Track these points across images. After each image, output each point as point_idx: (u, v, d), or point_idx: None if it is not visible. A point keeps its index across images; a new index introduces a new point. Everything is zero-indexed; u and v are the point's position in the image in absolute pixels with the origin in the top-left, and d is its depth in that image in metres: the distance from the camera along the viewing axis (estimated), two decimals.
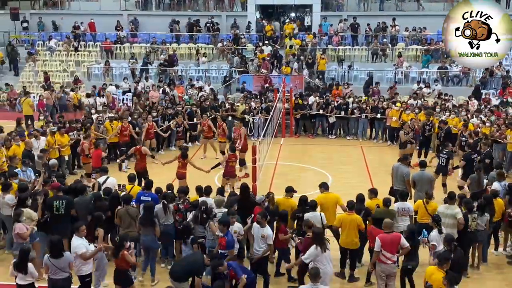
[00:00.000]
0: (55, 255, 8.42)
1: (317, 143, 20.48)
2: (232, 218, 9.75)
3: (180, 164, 13.89)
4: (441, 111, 19.09)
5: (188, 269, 8.66)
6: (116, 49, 28.69)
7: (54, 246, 8.49)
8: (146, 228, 10.14)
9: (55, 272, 8.44)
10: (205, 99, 21.10)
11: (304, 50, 26.97)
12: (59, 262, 8.41)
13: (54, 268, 8.41)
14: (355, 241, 10.20)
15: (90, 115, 18.78)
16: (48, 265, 8.45)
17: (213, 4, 30.98)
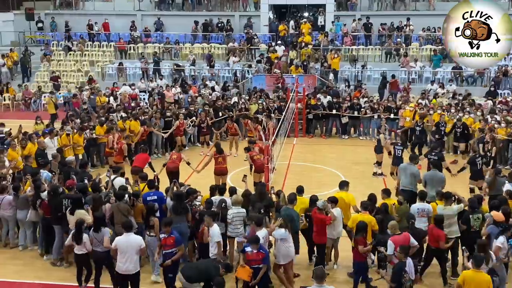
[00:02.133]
0: (96, 229, 9.47)
1: (330, 143, 20.43)
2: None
3: (220, 160, 14.09)
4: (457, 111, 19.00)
5: (202, 275, 8.71)
6: (130, 49, 28.86)
7: (97, 221, 9.56)
8: (178, 215, 10.32)
9: (96, 245, 9.47)
10: (217, 99, 21.21)
11: (317, 49, 26.92)
12: (98, 236, 9.44)
13: (95, 241, 9.46)
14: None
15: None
16: (91, 238, 9.48)
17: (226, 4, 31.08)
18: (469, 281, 8.12)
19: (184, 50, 28.64)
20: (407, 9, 29.76)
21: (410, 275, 8.51)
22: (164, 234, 9.32)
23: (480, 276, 8.16)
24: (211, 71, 26.28)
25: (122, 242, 9.04)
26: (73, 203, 10.32)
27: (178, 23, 30.03)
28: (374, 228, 10.05)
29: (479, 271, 8.19)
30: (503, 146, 17.09)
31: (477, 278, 8.13)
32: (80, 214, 10.07)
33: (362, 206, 10.26)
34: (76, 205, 10.29)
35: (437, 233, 9.77)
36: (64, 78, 27.48)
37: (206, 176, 14.31)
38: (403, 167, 12.71)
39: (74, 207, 10.25)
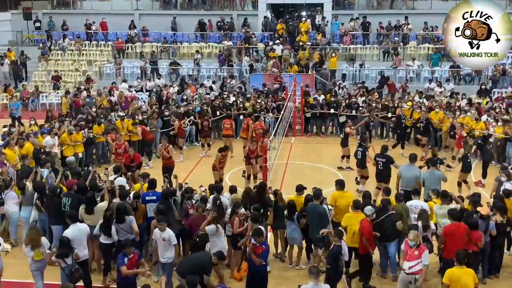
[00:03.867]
0: (119, 220, 9.89)
1: (328, 142, 20.46)
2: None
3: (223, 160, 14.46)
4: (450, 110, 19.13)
5: (195, 267, 8.74)
6: (127, 48, 28.86)
7: (119, 212, 9.91)
8: (165, 215, 10.26)
9: (123, 235, 9.87)
10: (215, 98, 21.24)
11: (315, 48, 26.94)
12: (124, 226, 9.87)
13: (122, 230, 9.91)
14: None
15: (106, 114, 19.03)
16: (116, 229, 9.89)
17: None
18: (455, 278, 8.19)
19: (182, 50, 28.64)
20: (404, 8, 29.77)
21: (345, 256, 9.09)
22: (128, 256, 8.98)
23: (463, 271, 8.25)
24: (229, 70, 26.11)
25: (72, 233, 9.39)
26: (88, 203, 10.37)
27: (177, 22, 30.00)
28: None
29: (462, 267, 8.28)
30: (501, 145, 17.14)
31: (462, 274, 8.22)
32: (101, 209, 10.23)
33: (354, 205, 10.22)
34: (92, 204, 10.35)
35: (476, 235, 9.67)
36: (62, 78, 27.43)
37: (205, 173, 14.38)
38: (405, 168, 12.65)
39: (91, 206, 10.32)
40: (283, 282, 10.36)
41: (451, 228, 9.60)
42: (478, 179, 15.55)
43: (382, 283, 10.34)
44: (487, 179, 15.26)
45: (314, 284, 7.91)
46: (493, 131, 17.32)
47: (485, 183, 15.27)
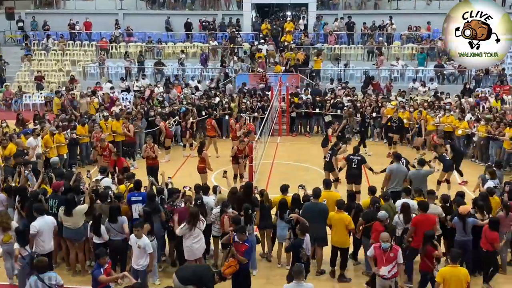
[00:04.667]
0: (112, 220, 9.93)
1: (313, 141, 20.49)
2: None
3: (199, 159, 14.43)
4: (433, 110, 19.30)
5: (197, 279, 8.65)
6: (111, 48, 28.67)
7: (112, 212, 9.94)
8: (152, 216, 10.27)
9: (114, 234, 9.91)
10: (200, 98, 21.19)
11: (300, 48, 26.99)
12: (116, 226, 9.89)
13: (113, 230, 9.91)
14: (345, 240, 10.23)
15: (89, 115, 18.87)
16: (108, 228, 9.93)
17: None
18: (448, 277, 8.23)
19: (167, 49, 28.53)
20: (388, 8, 29.94)
21: (306, 250, 9.28)
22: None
23: (457, 270, 8.31)
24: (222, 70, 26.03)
25: (39, 225, 9.50)
26: (67, 205, 10.24)
27: (160, 22, 29.85)
28: (350, 227, 10.10)
29: (456, 266, 8.33)
30: (484, 144, 17.32)
31: (455, 273, 8.27)
32: (80, 211, 10.17)
33: (337, 205, 10.23)
34: (71, 206, 10.23)
35: (492, 235, 9.79)
36: (46, 78, 27.18)
37: (189, 174, 14.32)
38: (393, 168, 12.65)
39: (69, 208, 10.19)
40: (270, 282, 10.35)
41: (420, 219, 9.86)
42: (462, 180, 15.64)
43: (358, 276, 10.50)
44: (469, 177, 15.36)
45: (296, 284, 7.91)
46: (476, 130, 17.49)
47: (467, 180, 15.38)
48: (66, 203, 10.29)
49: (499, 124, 16.93)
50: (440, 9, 29.08)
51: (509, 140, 16.08)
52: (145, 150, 15.00)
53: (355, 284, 10.33)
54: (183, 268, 9.15)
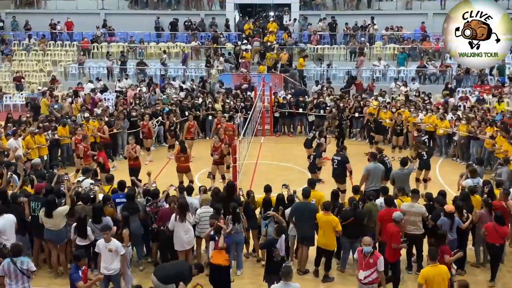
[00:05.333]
0: (96, 221, 9.87)
1: (297, 141, 20.53)
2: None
3: (182, 159, 14.37)
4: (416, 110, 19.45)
5: (176, 276, 8.69)
6: (93, 48, 28.44)
7: (96, 213, 9.93)
8: (131, 215, 10.27)
9: (98, 235, 9.73)
10: (184, 98, 21.12)
11: (283, 48, 27.04)
12: (100, 226, 9.76)
13: (98, 231, 9.77)
14: (332, 242, 10.29)
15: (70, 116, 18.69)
16: (92, 229, 9.88)
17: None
18: (430, 277, 8.29)
19: (149, 49, 28.39)
20: (370, 8, 30.12)
21: (280, 251, 9.30)
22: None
23: (438, 269, 8.38)
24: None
25: (2, 223, 9.54)
26: (47, 206, 10.13)
27: (143, 22, 29.69)
28: (337, 229, 10.12)
29: (436, 265, 8.40)
30: (464, 143, 17.51)
31: (436, 272, 8.34)
32: (61, 213, 10.05)
33: (324, 206, 10.26)
34: (51, 207, 10.11)
35: (502, 230, 10.04)
36: (26, 78, 26.88)
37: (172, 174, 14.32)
38: (371, 167, 12.75)
39: (50, 210, 10.08)
40: (254, 282, 10.35)
41: (385, 214, 10.07)
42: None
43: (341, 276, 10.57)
44: (450, 176, 15.48)
45: (284, 284, 7.92)
46: (457, 129, 17.68)
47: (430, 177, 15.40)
48: (46, 205, 10.18)
49: (480, 123, 17.14)
50: (422, 10, 29.44)
51: (490, 139, 16.28)
52: (127, 150, 14.92)
53: (339, 283, 10.40)
54: (161, 267, 9.12)
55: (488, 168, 16.17)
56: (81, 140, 15.39)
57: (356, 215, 10.32)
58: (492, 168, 15.71)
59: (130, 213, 10.30)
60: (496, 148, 15.64)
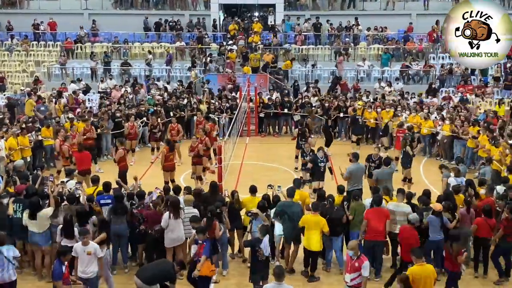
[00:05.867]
0: (81, 223, 9.77)
1: (282, 142, 20.58)
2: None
3: (171, 157, 14.56)
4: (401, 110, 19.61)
5: (161, 274, 8.68)
6: (77, 48, 28.22)
7: (81, 215, 9.86)
8: (118, 216, 10.29)
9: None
10: (169, 99, 21.04)
11: (268, 49, 27.07)
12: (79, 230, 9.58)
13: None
14: (319, 243, 10.31)
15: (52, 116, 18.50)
16: (78, 230, 9.60)
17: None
18: (418, 276, 8.32)
19: (134, 50, 28.23)
20: (355, 9, 30.25)
21: (264, 251, 9.31)
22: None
23: (425, 268, 8.43)
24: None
25: None
26: (32, 208, 10.04)
27: (127, 22, 29.52)
28: (324, 230, 10.16)
29: (423, 264, 8.45)
30: (447, 142, 17.67)
31: (424, 271, 8.39)
32: (45, 215, 9.98)
33: (312, 207, 10.29)
34: (35, 209, 10.02)
35: (492, 222, 10.26)
36: (9, 79, 26.55)
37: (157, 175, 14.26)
38: (352, 168, 12.82)
39: (34, 212, 9.99)
40: (240, 282, 10.34)
41: (373, 212, 10.26)
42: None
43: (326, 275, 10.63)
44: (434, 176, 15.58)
45: (277, 284, 7.95)
46: (440, 129, 17.83)
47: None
48: (30, 207, 10.08)
49: (463, 123, 17.31)
50: (405, 10, 29.65)
51: (473, 139, 16.44)
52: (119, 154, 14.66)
53: (325, 283, 10.43)
54: (143, 268, 9.09)
55: (472, 167, 16.35)
56: (64, 141, 15.25)
57: (333, 213, 10.39)
58: (476, 167, 15.87)
59: (118, 214, 10.28)
60: (479, 148, 15.80)
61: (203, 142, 15.27)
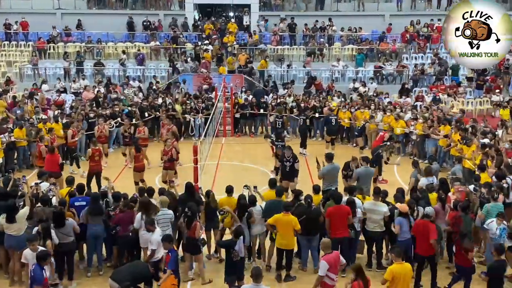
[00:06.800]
0: (59, 225, 9.79)
1: (258, 142, 20.61)
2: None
3: (141, 158, 14.60)
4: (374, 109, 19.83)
5: (135, 276, 8.66)
6: (49, 48, 27.82)
7: (58, 217, 9.82)
8: (94, 217, 10.23)
9: (62, 238, 9.78)
10: (144, 99, 20.89)
11: (244, 49, 27.08)
12: (63, 230, 9.83)
13: (60, 234, 9.76)
14: (291, 242, 10.38)
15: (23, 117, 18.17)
16: (56, 233, 9.75)
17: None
18: (398, 275, 8.47)
19: (107, 50, 27.95)
20: (329, 9, 30.42)
21: (239, 252, 9.39)
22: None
23: (404, 267, 8.59)
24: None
25: None
26: (9, 211, 9.88)
27: (100, 22, 29.22)
28: (296, 228, 10.22)
29: (402, 262, 8.61)
30: (420, 141, 17.92)
31: (403, 269, 8.55)
32: (23, 216, 9.87)
33: (284, 207, 10.31)
34: (13, 212, 9.88)
35: (454, 213, 10.39)
36: None
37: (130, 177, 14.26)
38: (329, 167, 12.90)
39: (12, 214, 9.85)
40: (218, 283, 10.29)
41: (334, 210, 10.36)
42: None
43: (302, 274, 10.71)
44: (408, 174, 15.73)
45: (254, 285, 7.97)
46: (414, 128, 18.07)
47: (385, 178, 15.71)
48: (7, 210, 9.91)
49: (433, 122, 17.56)
50: (379, 11, 29.96)
51: (443, 138, 16.69)
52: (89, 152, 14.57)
53: (300, 281, 10.48)
54: (118, 271, 9.05)
55: (444, 165, 16.61)
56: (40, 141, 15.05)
57: (310, 212, 10.46)
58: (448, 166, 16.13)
59: (94, 215, 10.23)
60: (452, 146, 16.04)
61: (172, 146, 14.98)
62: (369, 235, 10.74)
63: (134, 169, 14.54)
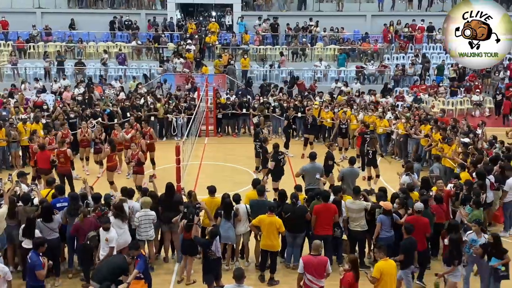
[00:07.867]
0: (47, 220, 9.85)
1: (241, 142, 20.58)
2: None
3: (115, 157, 14.70)
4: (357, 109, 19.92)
5: (115, 271, 8.61)
6: (29, 48, 27.48)
7: (47, 211, 9.88)
8: (73, 218, 10.18)
9: (48, 234, 9.82)
10: (125, 99, 20.73)
11: (226, 48, 27.03)
12: (51, 225, 9.90)
13: (46, 229, 9.84)
14: (275, 243, 10.37)
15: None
16: (41, 228, 9.81)
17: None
18: (385, 271, 8.57)
19: (88, 49, 27.69)
20: (312, 10, 30.52)
21: (216, 252, 9.48)
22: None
23: (389, 263, 8.70)
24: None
25: None
26: None
27: (81, 21, 28.94)
28: (281, 230, 10.24)
29: (387, 259, 8.70)
30: (402, 141, 18.04)
31: (389, 266, 8.66)
32: (2, 215, 9.87)
33: (269, 208, 10.31)
34: None
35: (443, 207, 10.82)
36: None
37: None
38: (309, 167, 12.89)
39: None
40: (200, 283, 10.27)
41: (321, 208, 10.44)
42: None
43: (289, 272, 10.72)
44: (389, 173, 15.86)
45: (236, 286, 7.95)
46: (395, 127, 18.19)
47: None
48: None
49: (415, 121, 17.70)
50: (360, 11, 30.13)
51: (424, 138, 16.83)
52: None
53: (284, 282, 10.47)
54: (97, 270, 8.97)
55: (425, 164, 16.74)
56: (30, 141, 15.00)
57: (295, 210, 10.49)
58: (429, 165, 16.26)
59: (74, 215, 10.16)
60: (433, 146, 16.17)
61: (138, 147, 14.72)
62: (351, 235, 10.82)
63: (107, 168, 14.51)
